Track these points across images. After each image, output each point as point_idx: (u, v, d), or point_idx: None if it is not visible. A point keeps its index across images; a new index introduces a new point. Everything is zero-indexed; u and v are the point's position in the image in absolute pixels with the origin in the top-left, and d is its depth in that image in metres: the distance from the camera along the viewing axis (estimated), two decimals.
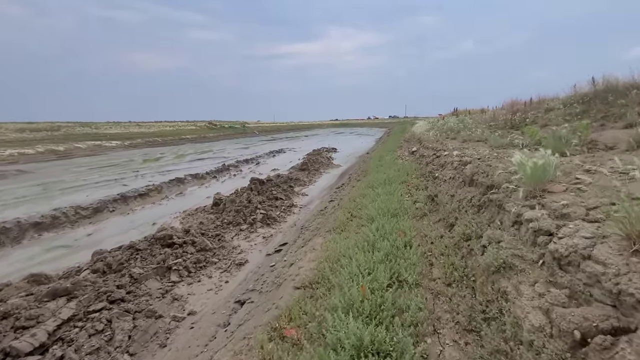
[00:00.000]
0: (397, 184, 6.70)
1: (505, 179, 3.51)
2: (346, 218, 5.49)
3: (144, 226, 10.42)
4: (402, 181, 6.95)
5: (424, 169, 7.42)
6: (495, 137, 6.47)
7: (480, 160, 5.11)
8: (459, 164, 5.44)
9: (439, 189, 5.43)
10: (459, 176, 5.07)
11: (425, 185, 6.10)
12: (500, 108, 14.61)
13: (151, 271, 5.70)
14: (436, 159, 7.34)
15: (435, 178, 6.21)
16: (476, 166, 4.76)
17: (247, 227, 8.39)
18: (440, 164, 6.58)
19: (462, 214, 3.92)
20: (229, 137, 48.03)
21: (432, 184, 6.06)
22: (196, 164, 24.17)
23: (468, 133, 8.44)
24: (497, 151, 5.65)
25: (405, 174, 7.64)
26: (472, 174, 4.54)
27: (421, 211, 4.88)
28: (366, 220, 4.70)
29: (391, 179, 7.08)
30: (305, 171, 17.51)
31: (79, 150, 28.04)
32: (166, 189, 16.75)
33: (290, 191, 12.22)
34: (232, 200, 9.94)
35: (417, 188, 6.15)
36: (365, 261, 3.24)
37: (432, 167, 6.97)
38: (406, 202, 5.37)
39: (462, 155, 5.91)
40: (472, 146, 6.85)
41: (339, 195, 10.22)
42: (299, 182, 14.79)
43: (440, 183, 5.75)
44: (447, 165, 6.11)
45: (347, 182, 12.61)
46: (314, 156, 24.63)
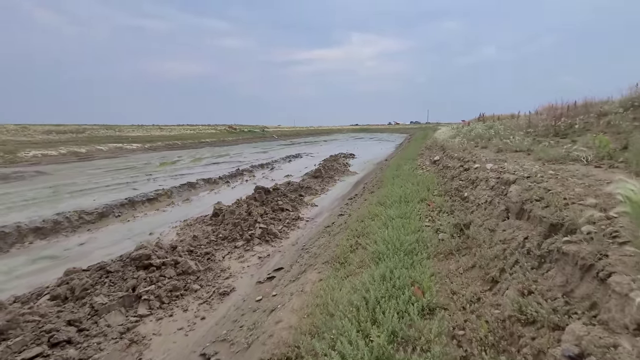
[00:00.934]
0: (415, 203, 5.44)
1: (587, 219, 2.22)
2: (349, 245, 4.34)
3: (140, 236, 9.65)
4: (422, 199, 5.68)
5: (448, 184, 6.07)
6: (544, 147, 5.10)
7: (530, 179, 3.75)
8: (498, 183, 4.11)
9: (471, 217, 4.11)
10: (500, 201, 3.77)
11: (451, 208, 4.75)
12: (536, 113, 12.94)
13: (117, 301, 4.76)
14: (464, 173, 5.98)
15: (464, 199, 4.85)
16: (526, 189, 3.46)
17: (243, 243, 7.37)
18: (469, 180, 5.22)
19: (511, 264, 2.65)
20: (248, 141, 47.79)
21: (460, 206, 4.71)
22: (211, 168, 23.67)
23: (503, 141, 7.04)
24: (551, 167, 4.31)
25: (426, 188, 6.35)
26: (521, 200, 3.29)
27: (446, 246, 3.60)
28: (371, 257, 3.52)
29: (408, 196, 5.83)
30: (318, 178, 16.41)
31: (100, 153, 28.31)
32: (176, 193, 16.16)
33: (299, 201, 11.15)
34: (231, 211, 8.98)
35: (441, 210, 4.87)
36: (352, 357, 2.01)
37: (459, 183, 5.59)
38: (426, 230, 4.11)
39: (501, 170, 4.55)
40: (511, 158, 5.44)
41: (350, 209, 9.04)
42: (310, 190, 13.71)
43: (471, 207, 4.46)
44: (479, 183, 4.75)
45: (361, 193, 11.39)
46: (330, 162, 23.51)
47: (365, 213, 5.65)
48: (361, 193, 11.26)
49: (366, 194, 9.70)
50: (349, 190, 14.14)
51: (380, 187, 9.16)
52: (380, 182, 10.49)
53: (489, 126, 14.23)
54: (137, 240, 9.47)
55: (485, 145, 7.63)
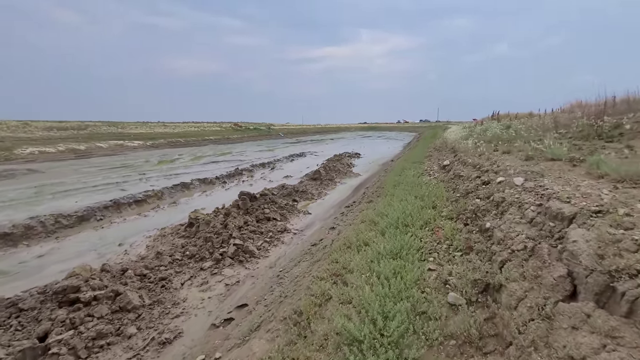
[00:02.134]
0: (417, 228, 4.02)
1: None
2: (321, 293, 3.02)
3: (108, 247, 8.51)
4: (425, 222, 4.23)
5: (461, 201, 4.57)
6: (606, 157, 3.61)
7: (607, 218, 2.20)
8: (541, 214, 2.75)
9: (501, 276, 2.50)
10: (552, 254, 2.29)
11: (467, 243, 3.32)
12: (561, 111, 11.31)
13: (15, 357, 3.54)
14: (483, 187, 4.48)
15: (485, 232, 3.41)
16: (606, 239, 1.98)
17: (211, 264, 6.10)
18: (492, 201, 3.65)
19: None
20: (253, 139, 46.66)
21: (481, 243, 3.31)
22: (209, 167, 22.57)
23: (531, 145, 5.56)
24: (633, 193, 2.61)
25: (431, 205, 4.91)
26: (605, 268, 1.83)
27: (461, 326, 2.20)
28: (337, 342, 2.17)
29: (408, 216, 4.38)
30: (317, 181, 15.06)
31: (100, 150, 27.53)
32: (167, 195, 15.07)
33: (290, 209, 9.84)
34: (207, 221, 7.72)
35: (451, 245, 3.44)
36: None
37: (476, 203, 4.06)
38: (429, 281, 2.72)
39: (541, 190, 3.16)
40: (548, 170, 3.90)
41: (343, 222, 7.69)
42: (305, 195, 12.39)
43: (499, 251, 2.90)
44: (508, 208, 3.27)
45: (359, 200, 10.02)
46: (332, 162, 22.14)
47: (352, 237, 4.31)
48: (359, 200, 9.89)
49: (364, 203, 8.34)
50: (349, 195, 12.77)
51: (380, 196, 7.78)
52: (381, 188, 9.10)
53: (506, 125, 12.64)
54: (103, 251, 8.33)
55: (507, 150, 6.14)
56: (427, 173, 8.64)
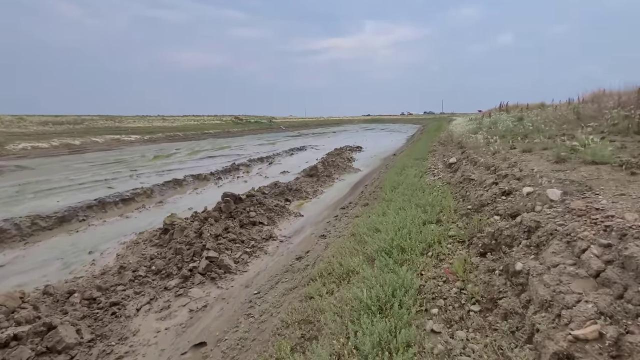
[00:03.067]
0: (417, 254, 2.99)
1: None
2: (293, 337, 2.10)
3: (78, 255, 7.68)
4: (429, 244, 3.32)
5: (475, 217, 3.36)
6: None
7: None
8: (613, 265, 1.66)
9: None
10: None
11: (490, 294, 2.23)
12: (580, 101, 10.15)
13: None
14: (503, 199, 3.35)
15: (514, 277, 2.27)
16: None
17: (178, 282, 5.20)
18: (523, 227, 2.26)
19: None
20: (254, 133, 45.61)
21: (511, 296, 2.19)
22: (205, 162, 21.70)
23: (559, 142, 4.51)
24: None
25: (435, 218, 3.89)
26: None
27: None
28: None
29: (405, 237, 3.33)
30: (313, 177, 14.09)
31: (95, 145, 26.74)
32: (158, 192, 14.23)
33: (280, 211, 8.90)
34: (182, 228, 6.82)
35: (464, 289, 2.37)
36: None
37: (497, 223, 2.76)
38: None
39: (601, 217, 2.11)
40: (596, 178, 2.90)
41: (336, 228, 6.74)
42: (299, 194, 11.44)
43: (543, 322, 1.76)
44: (547, 240, 2.25)
45: (356, 202, 9.04)
46: (332, 157, 21.11)
47: (335, 263, 3.36)
48: (356, 201, 8.90)
49: (359, 207, 7.37)
50: (346, 193, 11.79)
51: (377, 199, 6.80)
52: (379, 189, 8.12)
53: (518, 117, 11.51)
54: (70, 260, 7.48)
55: (528, 148, 5.05)
56: (431, 172, 7.62)
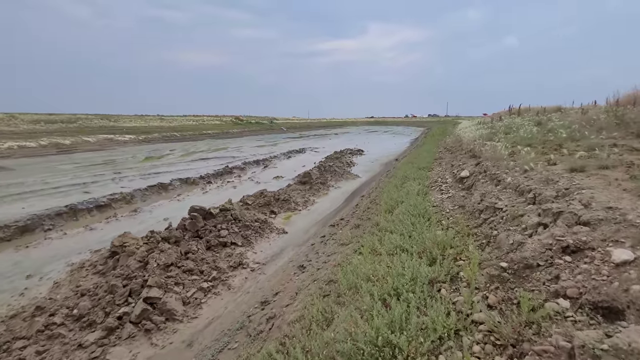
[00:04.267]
0: None
1: None
2: None
3: (13, 279, 6.40)
4: (439, 339, 1.81)
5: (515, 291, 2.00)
6: None
7: None
8: None
9: None
10: None
11: None
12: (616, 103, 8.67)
13: None
14: (566, 263, 1.99)
15: None
16: None
17: (97, 337, 3.85)
18: None
19: None
20: (254, 134, 44.34)
21: None
22: (197, 165, 20.43)
23: (615, 155, 3.15)
24: None
25: (449, 277, 2.66)
26: None
27: None
28: None
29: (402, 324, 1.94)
30: (306, 185, 12.71)
31: (86, 145, 25.58)
32: (139, 197, 12.98)
33: (259, 228, 7.53)
34: (130, 253, 5.47)
35: None
36: None
37: (570, 328, 1.64)
38: None
39: None
40: None
41: (320, 255, 5.36)
42: (287, 204, 10.07)
43: None
44: None
45: (350, 216, 7.65)
46: (330, 161, 19.74)
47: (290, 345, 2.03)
48: (348, 218, 7.50)
49: (349, 229, 5.97)
50: (339, 205, 10.39)
51: (370, 219, 5.42)
52: (375, 204, 6.72)
53: (536, 122, 10.04)
54: (1, 287, 6.21)
55: (578, 166, 3.62)
56: (438, 187, 6.20)
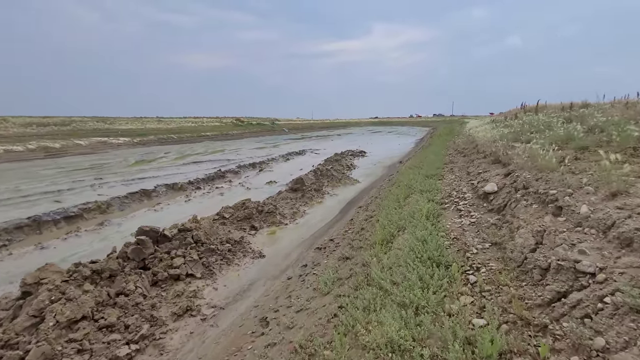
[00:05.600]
0: None
1: None
2: None
3: None
4: None
5: None
6: None
7: None
8: None
9: None
10: None
11: None
12: None
13: None
14: None
15: None
16: None
17: None
18: None
19: None
20: (254, 135, 42.98)
21: None
22: (188, 169, 19.02)
23: None
24: None
25: None
26: None
27: None
28: None
29: None
30: (297, 192, 11.17)
31: (77, 148, 24.39)
32: (117, 206, 11.59)
33: (228, 252, 6.02)
34: (45, 293, 4.00)
35: None
36: None
37: None
38: None
39: None
40: None
41: (291, 301, 3.85)
42: (271, 217, 8.54)
43: None
44: None
45: (341, 238, 6.11)
46: (329, 164, 18.19)
47: None
48: (339, 241, 5.95)
49: (335, 259, 4.45)
50: (332, 219, 8.82)
51: (364, 247, 3.90)
52: (370, 223, 5.19)
53: (566, 118, 8.38)
54: None
55: None
56: (454, 205, 4.62)
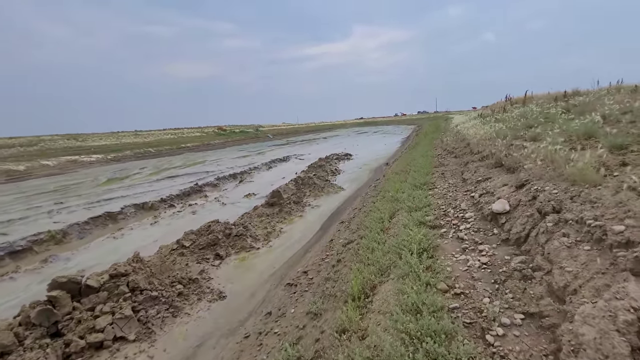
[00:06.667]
0: None
1: None
2: None
3: None
4: None
5: None
6: None
7: None
8: None
9: None
10: None
11: None
12: None
13: None
14: None
15: None
16: None
17: None
18: None
19: None
20: (237, 143, 41.48)
21: None
22: (163, 185, 17.53)
23: None
24: None
25: None
26: None
27: None
28: None
29: None
30: (275, 207, 9.94)
31: (44, 169, 22.54)
32: (75, 234, 10.17)
33: (179, 296, 4.77)
34: None
35: None
36: None
37: None
38: None
39: None
40: None
41: None
42: (241, 241, 7.29)
43: None
44: None
45: (317, 271, 4.93)
46: (313, 170, 17.02)
47: None
48: (313, 275, 4.77)
49: (305, 304, 3.28)
50: (312, 237, 7.61)
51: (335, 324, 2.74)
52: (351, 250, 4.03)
53: (564, 108, 7.44)
54: None
55: None
56: (452, 230, 3.48)
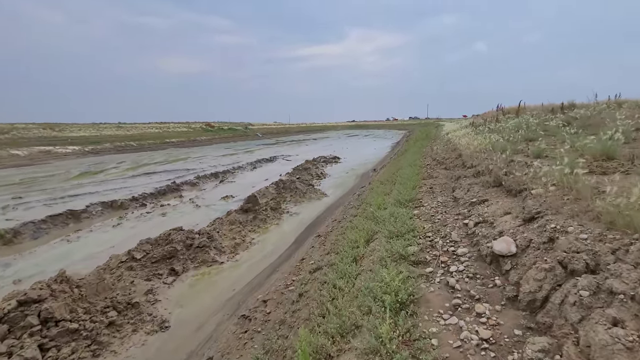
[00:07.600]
0: None
1: None
2: None
3: None
4: None
5: None
6: None
7: None
8: None
9: None
10: None
11: None
12: None
13: None
14: None
15: None
16: None
17: None
18: None
19: None
20: (224, 141, 40.22)
21: None
22: (138, 181, 16.36)
23: None
24: None
25: None
26: None
27: None
28: None
29: None
30: (249, 213, 9.05)
31: (13, 159, 21.00)
32: (29, 235, 9.08)
33: (106, 328, 3.89)
34: None
35: None
36: None
37: None
38: None
39: None
40: None
41: None
42: (203, 254, 6.39)
43: None
44: None
45: (278, 301, 4.13)
46: (298, 173, 16.20)
47: None
48: (274, 306, 3.95)
49: (260, 339, 2.47)
50: (283, 252, 6.77)
51: None
52: (314, 278, 3.25)
53: (564, 120, 6.82)
54: None
55: None
56: (441, 271, 2.66)
